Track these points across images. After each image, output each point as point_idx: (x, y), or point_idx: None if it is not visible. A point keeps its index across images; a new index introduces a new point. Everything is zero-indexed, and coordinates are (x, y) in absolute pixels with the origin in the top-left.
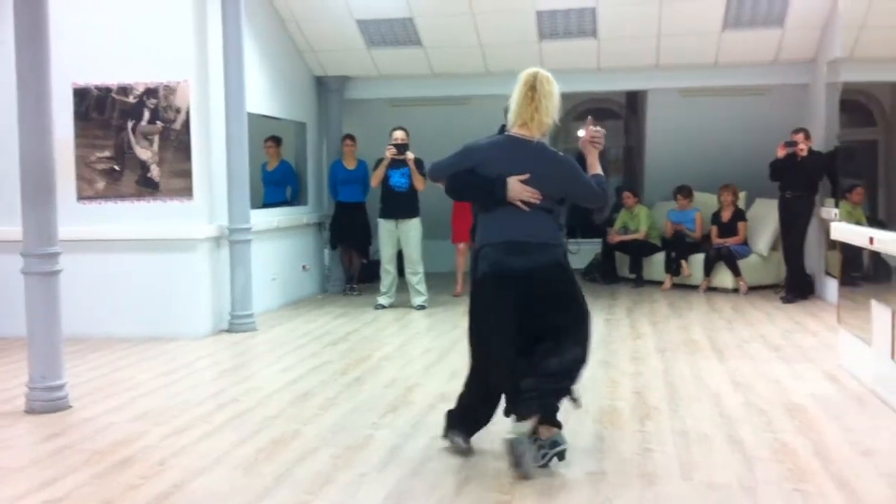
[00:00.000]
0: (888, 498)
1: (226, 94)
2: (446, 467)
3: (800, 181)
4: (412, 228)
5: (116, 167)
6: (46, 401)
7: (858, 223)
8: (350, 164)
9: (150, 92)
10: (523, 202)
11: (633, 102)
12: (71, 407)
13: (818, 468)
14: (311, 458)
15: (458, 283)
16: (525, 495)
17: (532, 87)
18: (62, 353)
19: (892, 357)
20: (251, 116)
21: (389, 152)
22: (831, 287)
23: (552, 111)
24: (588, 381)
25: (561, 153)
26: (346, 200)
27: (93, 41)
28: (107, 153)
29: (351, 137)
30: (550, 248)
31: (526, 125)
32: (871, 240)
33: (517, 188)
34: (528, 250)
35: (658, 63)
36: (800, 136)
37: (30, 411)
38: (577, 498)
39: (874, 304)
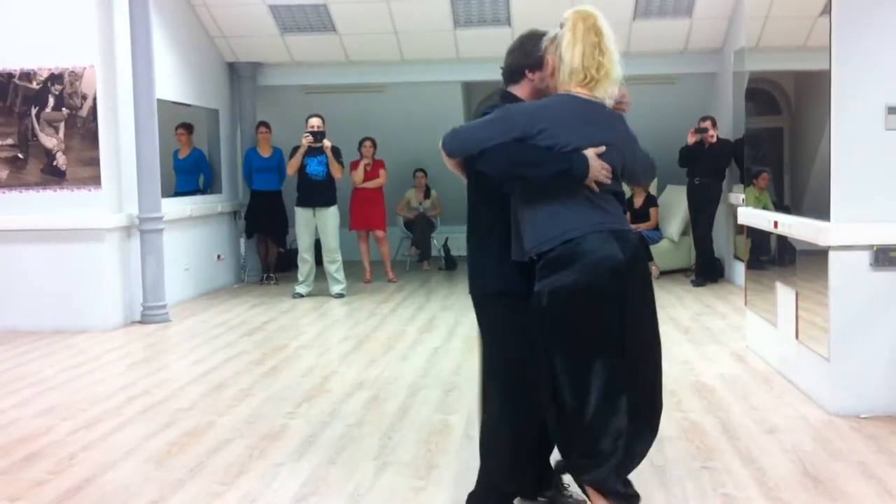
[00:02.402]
0: (791, 473)
1: (134, 80)
2: (363, 454)
3: (708, 167)
4: (330, 217)
5: (20, 155)
6: None
7: (766, 208)
8: (265, 152)
9: (55, 78)
10: (598, 183)
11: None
12: None
13: (725, 446)
14: (225, 449)
15: (366, 269)
16: (442, 479)
17: (598, 32)
18: None
19: (796, 337)
20: (161, 103)
21: (306, 140)
22: (739, 270)
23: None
24: None
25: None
26: (262, 189)
27: None
28: (9, 141)
29: (265, 125)
30: (638, 243)
31: (594, 81)
32: (776, 224)
33: (596, 165)
34: (630, 244)
35: None
36: (708, 124)
37: None
38: None
39: (779, 286)
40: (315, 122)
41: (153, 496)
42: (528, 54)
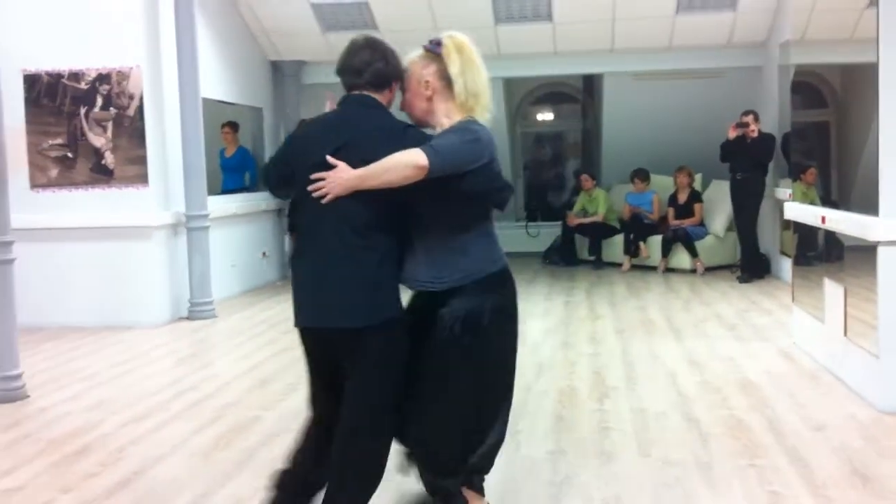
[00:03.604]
0: (840, 471)
1: (179, 80)
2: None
3: (749, 162)
4: None
5: (69, 154)
6: (3, 391)
7: (813, 203)
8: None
9: (103, 78)
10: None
11: (590, 86)
12: (28, 397)
13: (772, 443)
14: (271, 443)
15: None
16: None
17: (477, 60)
18: (17, 343)
19: (844, 334)
20: (206, 102)
21: None
22: (786, 266)
23: None
24: (548, 362)
25: None
26: None
27: (42, 26)
28: (59, 140)
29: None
30: None
31: (485, 109)
32: (823, 219)
33: None
34: None
35: (613, 47)
36: (749, 118)
37: None
38: (538, 475)
39: (827, 282)
40: None
41: (201, 490)
42: (396, 67)
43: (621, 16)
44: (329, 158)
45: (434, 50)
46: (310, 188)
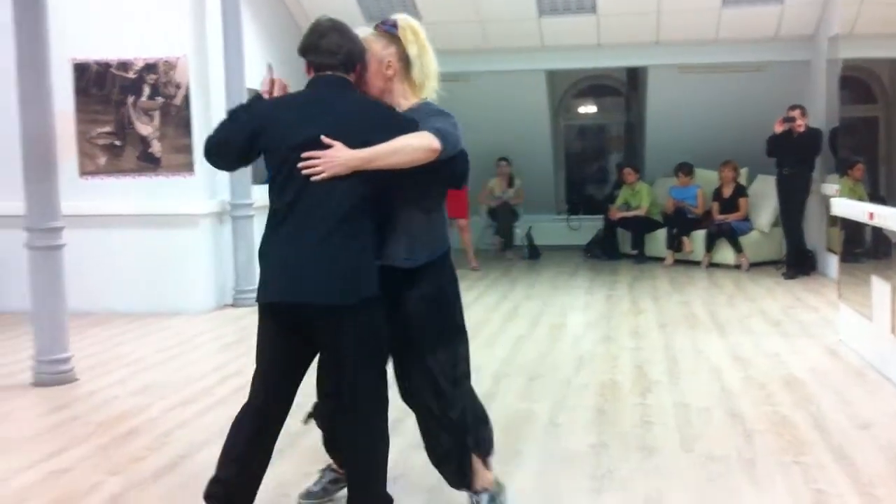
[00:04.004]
0: (886, 469)
1: (225, 69)
2: None
3: (796, 157)
4: None
5: (117, 142)
6: (53, 373)
7: (860, 199)
8: None
9: (150, 67)
10: None
11: (634, 79)
12: (77, 380)
13: (817, 440)
14: (313, 428)
15: (469, 258)
16: (527, 466)
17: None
18: (67, 327)
19: (892, 332)
20: (251, 91)
21: None
22: (832, 263)
23: None
24: (589, 356)
25: None
26: None
27: (91, 16)
28: (108, 128)
29: None
30: None
31: (433, 90)
32: (871, 215)
33: None
34: None
35: (658, 39)
36: (796, 113)
37: (37, 384)
38: (579, 469)
39: (874, 279)
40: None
41: None
42: (362, 49)
43: (666, 8)
44: (324, 139)
45: (391, 31)
46: (300, 165)
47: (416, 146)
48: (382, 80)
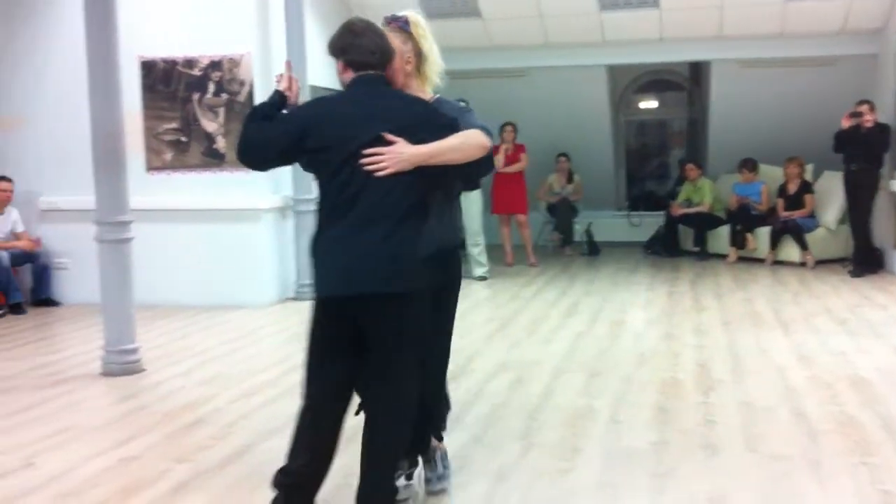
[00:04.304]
0: None
1: None
2: (508, 434)
3: (864, 153)
4: (473, 200)
5: (183, 138)
6: (121, 364)
7: None
8: None
9: (215, 64)
10: None
11: (697, 73)
12: (144, 370)
13: (884, 441)
14: None
15: (507, 253)
16: (587, 462)
17: None
18: (135, 319)
19: None
20: (313, 89)
21: None
22: None
23: None
24: (650, 353)
25: None
26: None
27: (158, 14)
28: (174, 125)
29: None
30: None
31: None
32: None
33: None
34: None
35: (721, 33)
36: (864, 108)
37: (105, 374)
38: (640, 466)
39: None
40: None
41: None
42: (391, 46)
43: (730, 2)
44: (388, 136)
45: (405, 27)
46: (364, 161)
47: (473, 143)
48: (403, 75)
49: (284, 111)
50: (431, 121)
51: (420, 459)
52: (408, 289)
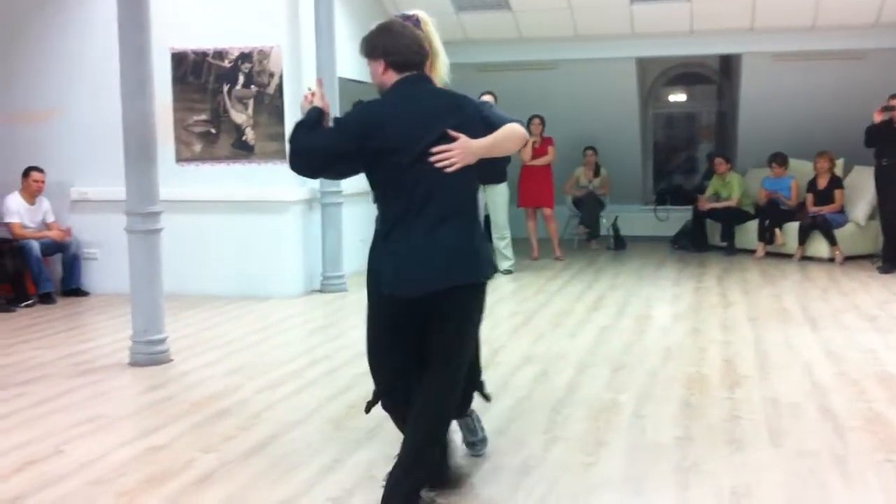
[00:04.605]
0: None
1: (317, 59)
2: (533, 427)
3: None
4: (499, 194)
5: (213, 130)
6: (148, 354)
7: None
8: None
9: (245, 56)
10: None
11: (727, 67)
12: (172, 360)
13: None
14: None
15: (533, 247)
16: (612, 456)
17: None
18: (163, 309)
19: None
20: (341, 81)
21: None
22: None
23: None
24: (676, 348)
25: None
26: None
27: (189, 6)
28: (203, 116)
29: None
30: None
31: None
32: None
33: None
34: None
35: (753, 26)
36: None
37: (133, 364)
38: (665, 461)
39: None
40: (487, 98)
41: (333, 455)
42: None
43: None
44: (451, 132)
45: (417, 26)
46: (434, 159)
47: (519, 136)
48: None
49: (330, 124)
50: (477, 115)
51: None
52: (485, 277)
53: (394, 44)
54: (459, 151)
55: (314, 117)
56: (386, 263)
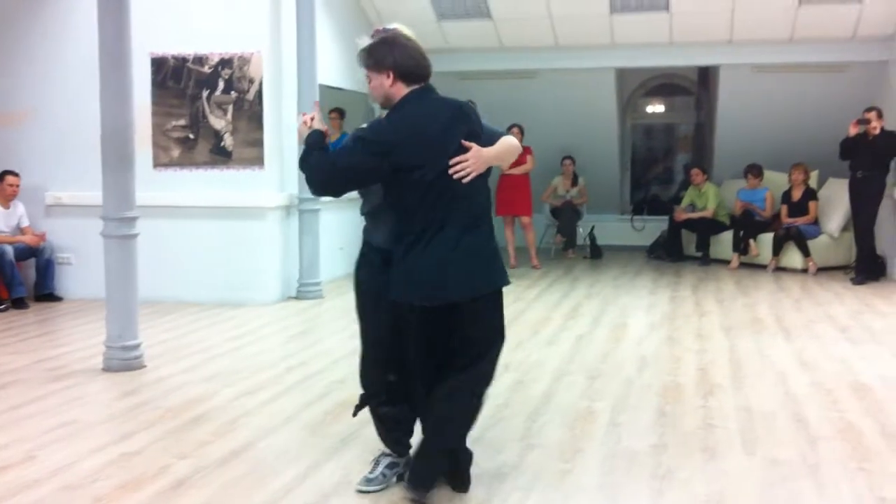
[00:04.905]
0: None
1: (298, 66)
2: (509, 434)
3: (870, 161)
4: None
5: (191, 135)
6: (122, 359)
7: None
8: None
9: (225, 62)
10: None
11: (705, 78)
12: (145, 366)
13: (884, 448)
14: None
15: (511, 255)
16: (588, 463)
17: None
18: (138, 315)
19: None
20: (322, 88)
21: None
22: None
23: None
24: (651, 357)
25: None
26: None
27: (170, 12)
28: (182, 122)
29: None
30: None
31: None
32: None
33: None
34: None
35: (731, 38)
36: (872, 115)
37: (107, 369)
38: (640, 468)
39: None
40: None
41: (310, 461)
42: None
43: (741, 6)
44: (465, 143)
45: None
46: (453, 170)
47: (516, 148)
48: None
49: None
50: (479, 122)
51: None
52: (506, 282)
53: (402, 55)
54: (473, 161)
55: (318, 140)
56: (414, 274)
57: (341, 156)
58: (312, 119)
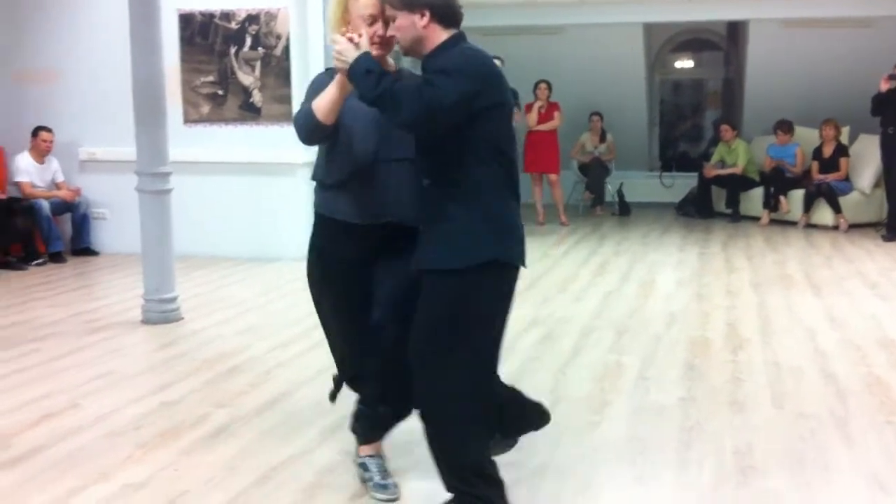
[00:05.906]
0: None
1: (324, 21)
2: (538, 388)
3: None
4: None
5: (220, 92)
6: (161, 312)
7: None
8: None
9: (252, 18)
10: None
11: (734, 33)
12: (182, 319)
13: None
14: None
15: (539, 212)
16: (616, 416)
17: None
18: (174, 268)
19: None
20: None
21: None
22: None
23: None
24: (680, 312)
25: None
26: None
27: None
28: (211, 78)
29: None
30: None
31: None
32: None
33: None
34: None
35: None
36: None
37: (145, 322)
38: (668, 421)
39: None
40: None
41: (342, 412)
42: None
43: None
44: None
45: None
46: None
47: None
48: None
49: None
50: None
51: None
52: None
53: (447, 2)
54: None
55: (376, 63)
56: (508, 230)
57: (441, 88)
58: (360, 37)
